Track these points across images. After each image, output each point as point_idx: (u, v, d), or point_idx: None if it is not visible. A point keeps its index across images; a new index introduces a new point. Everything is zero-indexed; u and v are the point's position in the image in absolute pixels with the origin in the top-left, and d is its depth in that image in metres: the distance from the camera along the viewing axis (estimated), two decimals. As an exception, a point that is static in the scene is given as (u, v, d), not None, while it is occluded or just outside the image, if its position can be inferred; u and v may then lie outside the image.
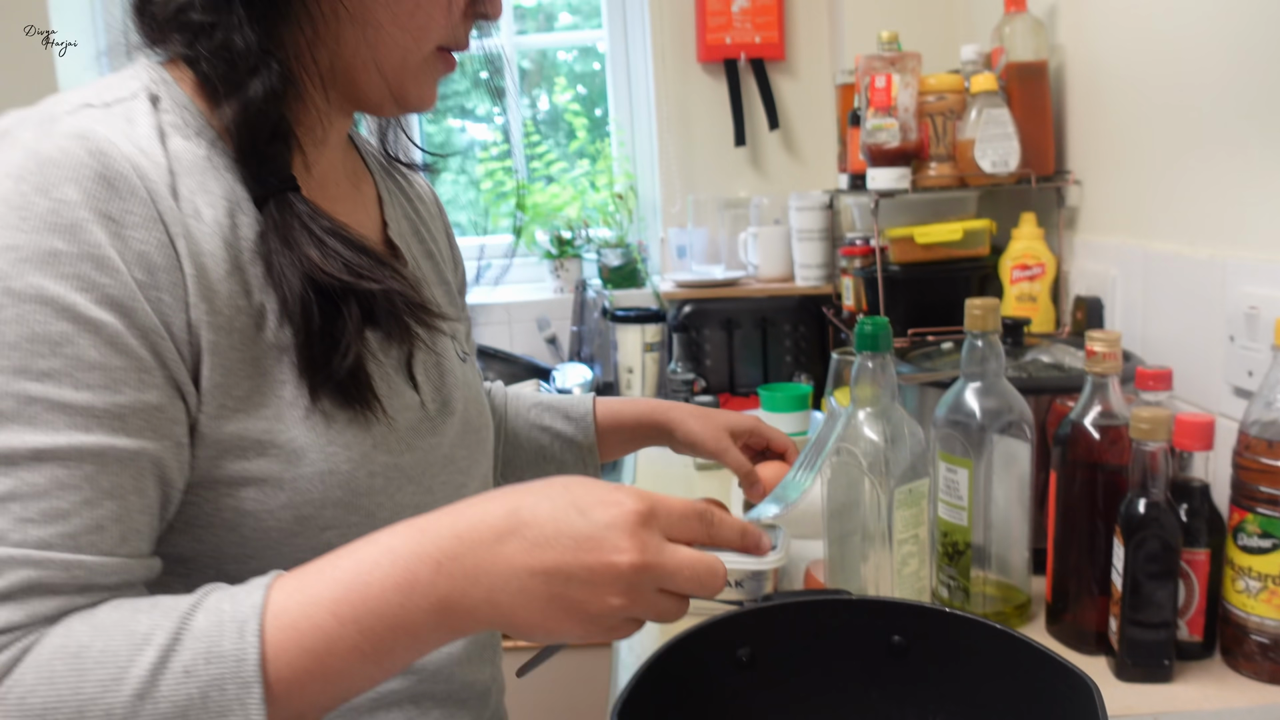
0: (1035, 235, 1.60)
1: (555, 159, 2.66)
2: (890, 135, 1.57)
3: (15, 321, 0.58)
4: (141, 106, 0.69)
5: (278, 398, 0.70)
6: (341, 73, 0.77)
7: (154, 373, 0.63)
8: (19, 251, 0.59)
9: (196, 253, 0.66)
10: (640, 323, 2.21)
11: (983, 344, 1.08)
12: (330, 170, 0.85)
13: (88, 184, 0.62)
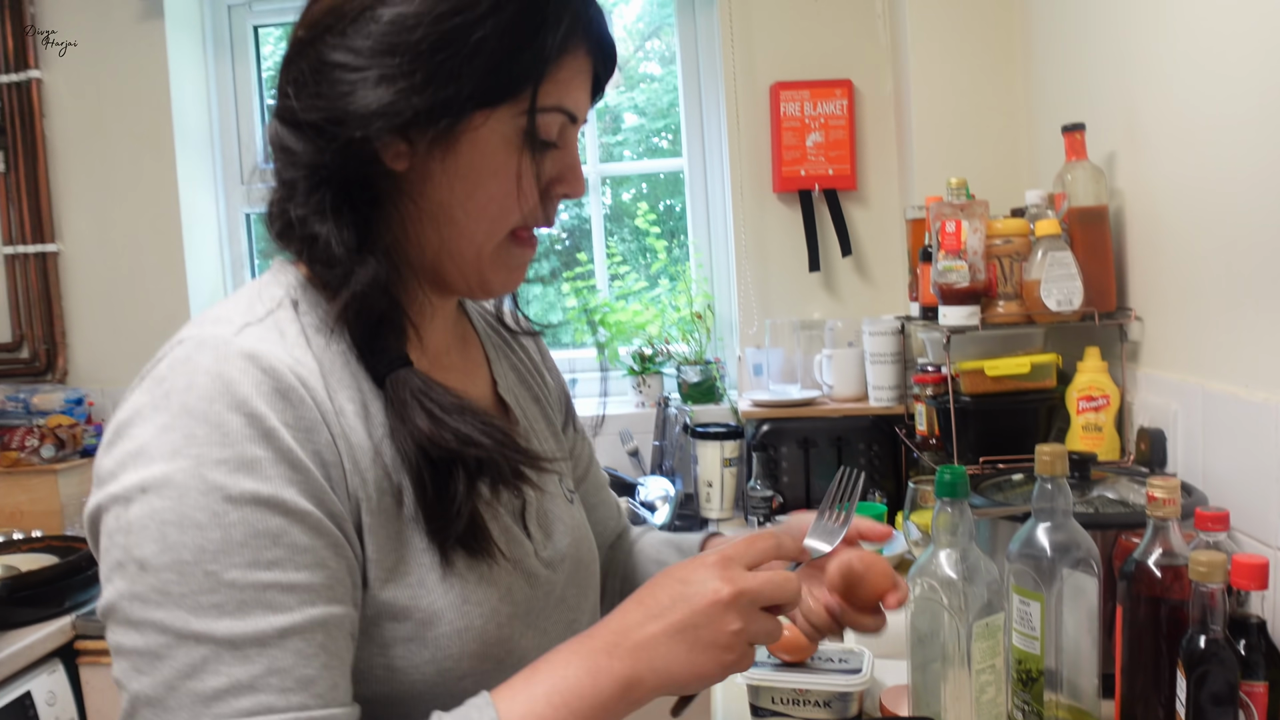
0: (1100, 368, 1.70)
1: (637, 278, 2.82)
2: (960, 276, 1.69)
3: (240, 523, 0.68)
4: (286, 315, 0.80)
5: (419, 565, 0.80)
6: (430, 264, 0.86)
7: (343, 549, 0.74)
8: (228, 464, 0.69)
9: (349, 446, 0.77)
10: (719, 439, 2.33)
11: (1052, 486, 1.18)
12: (442, 341, 0.95)
13: (268, 398, 0.72)
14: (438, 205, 0.83)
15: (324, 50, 0.80)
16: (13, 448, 2.54)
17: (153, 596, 0.67)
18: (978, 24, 2.28)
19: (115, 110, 2.76)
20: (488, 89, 0.79)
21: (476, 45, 0.77)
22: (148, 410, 0.72)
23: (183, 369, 0.72)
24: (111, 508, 0.70)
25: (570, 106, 0.84)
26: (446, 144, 0.81)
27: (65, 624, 2.02)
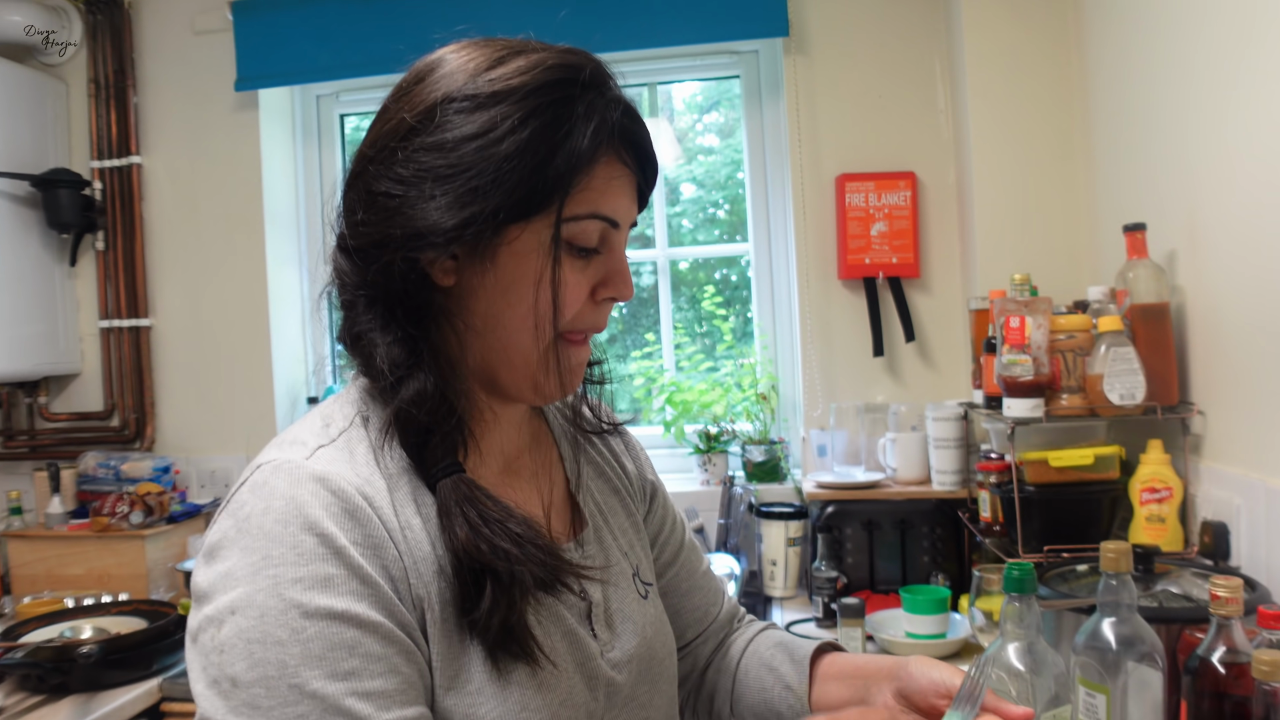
0: (1162, 461, 1.74)
1: (703, 359, 2.89)
2: (1024, 370, 1.74)
3: (317, 638, 0.73)
4: (357, 434, 0.86)
5: (478, 673, 0.82)
6: (486, 372, 0.91)
7: (414, 655, 0.79)
8: (304, 582, 0.74)
9: (414, 561, 0.81)
10: (784, 519, 2.38)
11: (1116, 582, 1.22)
12: (513, 445, 0.99)
13: (338, 519, 0.77)
14: (484, 316, 0.88)
15: (370, 180, 0.86)
16: (104, 513, 2.65)
17: (245, 711, 0.72)
18: (1039, 121, 2.36)
19: (209, 193, 2.91)
20: (517, 203, 0.83)
21: (502, 164, 0.82)
22: (231, 533, 0.78)
23: (261, 493, 0.79)
24: (207, 628, 0.76)
25: (607, 213, 0.88)
26: (487, 258, 0.85)
27: (153, 686, 2.10)
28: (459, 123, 0.83)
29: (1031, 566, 1.16)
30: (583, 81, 0.86)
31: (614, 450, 1.14)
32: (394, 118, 0.87)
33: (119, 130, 2.91)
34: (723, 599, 1.23)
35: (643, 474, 1.17)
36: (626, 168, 0.90)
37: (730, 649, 1.19)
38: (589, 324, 0.92)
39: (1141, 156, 1.98)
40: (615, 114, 0.87)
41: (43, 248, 2.87)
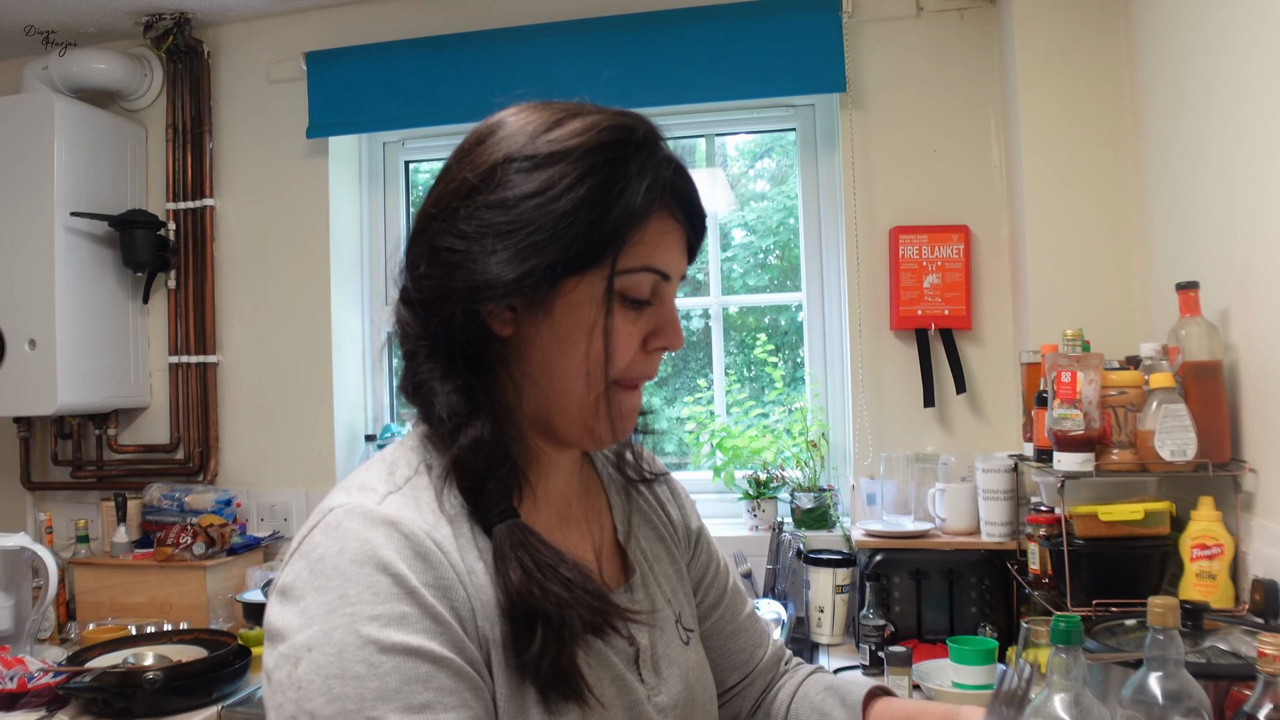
0: (1214, 518, 1.74)
1: (753, 405, 2.93)
2: (1075, 425, 1.76)
3: (393, 672, 0.77)
4: (422, 481, 0.90)
5: (535, 713, 0.86)
6: (541, 419, 0.95)
7: (481, 690, 0.83)
8: (380, 620, 0.78)
9: (480, 603, 0.85)
10: (832, 566, 2.40)
11: (1163, 637, 1.24)
12: (565, 491, 1.03)
13: (410, 561, 0.81)
14: (540, 365, 0.92)
15: (433, 236, 0.91)
16: (168, 543, 2.73)
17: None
18: (1093, 176, 2.38)
19: (278, 236, 3.02)
20: (574, 258, 0.88)
21: (560, 220, 0.87)
22: (306, 574, 0.82)
23: (335, 535, 0.83)
24: (283, 665, 0.80)
25: (659, 265, 0.92)
26: (543, 309, 0.90)
27: (212, 714, 2.16)
28: (519, 181, 0.88)
29: (1079, 619, 1.18)
30: (635, 142, 0.91)
31: (660, 498, 1.18)
32: (457, 177, 0.92)
33: (194, 173, 3.03)
34: (768, 642, 1.25)
35: (687, 521, 1.21)
36: (677, 222, 0.94)
37: (779, 694, 1.21)
38: (640, 372, 0.96)
39: (1194, 213, 2.00)
40: (667, 172, 0.92)
41: (118, 285, 2.99)
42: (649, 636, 1.02)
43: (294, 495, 3.00)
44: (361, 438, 3.11)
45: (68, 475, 3.13)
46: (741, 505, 2.77)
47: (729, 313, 3.07)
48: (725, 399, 2.98)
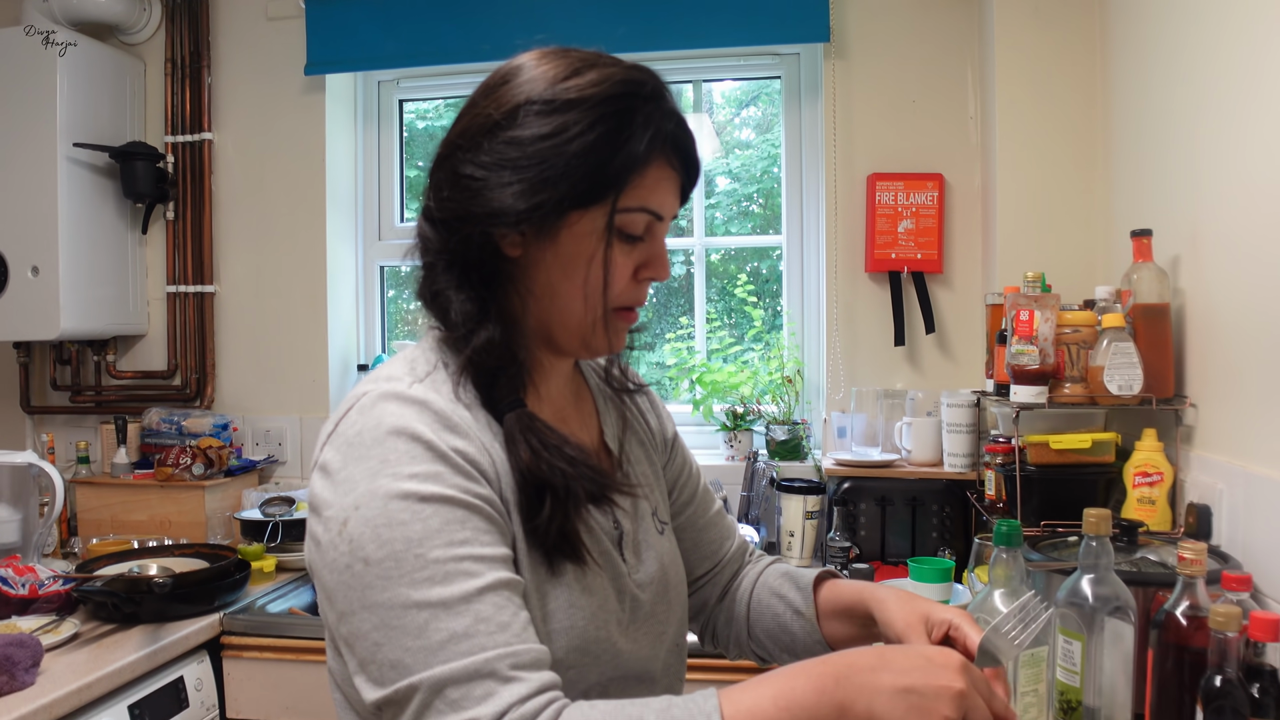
0: (1155, 448, 1.88)
1: (733, 342, 3.06)
2: (1031, 359, 1.89)
3: (434, 515, 0.89)
4: (440, 376, 1.01)
5: (543, 568, 0.99)
6: (543, 330, 1.07)
7: (508, 535, 0.95)
8: (418, 477, 0.90)
9: (499, 473, 0.98)
10: (803, 493, 2.53)
11: (1096, 544, 1.38)
12: (558, 392, 1.15)
13: (440, 432, 0.93)
14: (544, 285, 1.04)
15: (457, 163, 1.02)
16: (168, 464, 2.85)
17: (377, 583, 0.87)
18: (1062, 130, 2.50)
19: (275, 170, 3.10)
20: (580, 194, 0.99)
21: (570, 160, 0.97)
22: (345, 449, 0.93)
23: (371, 414, 0.94)
24: (332, 527, 0.91)
25: (654, 207, 1.03)
26: (550, 237, 1.01)
27: (214, 620, 2.29)
28: (536, 123, 0.98)
29: (1018, 524, 1.32)
30: (644, 95, 1.01)
31: (641, 408, 1.31)
32: (482, 112, 1.03)
33: (192, 107, 3.10)
34: (734, 536, 1.39)
35: (664, 428, 1.34)
36: (674, 170, 1.05)
37: (743, 581, 1.35)
38: (631, 299, 1.07)
39: (1154, 167, 2.12)
40: (669, 125, 1.02)
41: (117, 215, 3.07)
42: (631, 523, 1.15)
43: (288, 421, 3.11)
44: (354, 367, 3.22)
45: (67, 400, 3.23)
46: (719, 437, 2.90)
47: (712, 261, 3.18)
48: (706, 342, 3.10)
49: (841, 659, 0.90)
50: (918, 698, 0.86)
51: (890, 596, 1.15)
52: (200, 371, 3.14)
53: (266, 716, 2.30)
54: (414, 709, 0.84)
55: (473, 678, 0.84)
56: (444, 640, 0.85)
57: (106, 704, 1.95)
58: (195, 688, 2.20)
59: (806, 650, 1.24)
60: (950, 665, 0.88)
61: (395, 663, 0.86)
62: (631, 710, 0.85)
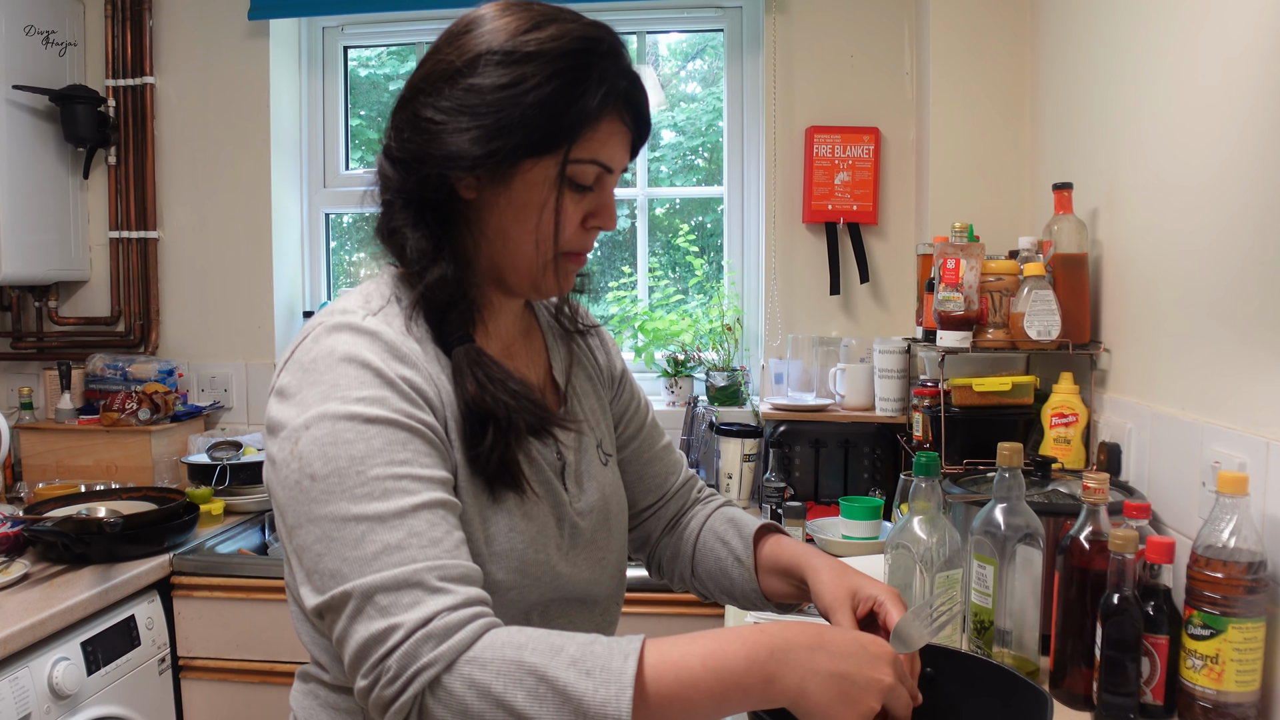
0: (1071, 391, 1.99)
1: (674, 291, 3.13)
2: (956, 306, 1.98)
3: (377, 436, 0.94)
4: (393, 310, 1.05)
5: (485, 495, 1.05)
6: (494, 271, 1.11)
7: (448, 460, 1.01)
8: (365, 400, 0.95)
9: (445, 402, 1.03)
10: (740, 437, 2.62)
11: (1009, 475, 1.47)
12: (507, 331, 1.20)
13: (389, 361, 0.99)
14: (497, 228, 1.08)
15: (419, 106, 1.05)
16: (114, 409, 2.86)
17: (321, 497, 0.92)
18: (994, 88, 2.58)
19: (218, 115, 3.09)
20: (534, 143, 1.03)
21: (526, 110, 1.01)
22: (299, 374, 0.98)
23: (324, 342, 0.99)
24: (285, 445, 0.96)
25: (605, 160, 1.08)
26: (503, 182, 1.05)
27: (164, 561, 2.33)
28: (496, 73, 1.02)
29: (935, 454, 1.41)
30: (600, 52, 1.05)
31: (590, 345, 1.36)
32: (444, 59, 1.07)
33: (134, 51, 3.07)
34: (681, 469, 1.45)
35: (612, 365, 1.38)
36: (625, 126, 1.10)
37: (691, 522, 1.41)
38: (578, 246, 1.12)
39: (1077, 123, 2.21)
40: (623, 82, 1.07)
41: (58, 160, 3.04)
42: (574, 455, 1.21)
43: (234, 368, 3.13)
44: (300, 314, 3.24)
45: (8, 346, 3.21)
46: (660, 383, 2.98)
47: (656, 214, 3.24)
48: (650, 293, 3.16)
49: (780, 633, 0.93)
50: (849, 685, 0.91)
51: (824, 567, 1.20)
52: (144, 318, 3.15)
53: (217, 653, 2.35)
54: (347, 614, 0.89)
55: (401, 586, 0.89)
56: (378, 551, 0.90)
57: (59, 641, 1.99)
58: (146, 626, 2.24)
59: (744, 596, 1.32)
60: (883, 658, 0.94)
61: (334, 572, 0.91)
62: (556, 639, 0.89)
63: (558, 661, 0.86)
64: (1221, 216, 1.53)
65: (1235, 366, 1.49)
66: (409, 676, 0.86)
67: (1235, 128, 1.50)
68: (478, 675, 0.86)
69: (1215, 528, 1.33)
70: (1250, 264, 1.45)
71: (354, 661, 0.89)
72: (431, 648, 0.86)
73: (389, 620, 0.87)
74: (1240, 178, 1.48)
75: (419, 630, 0.87)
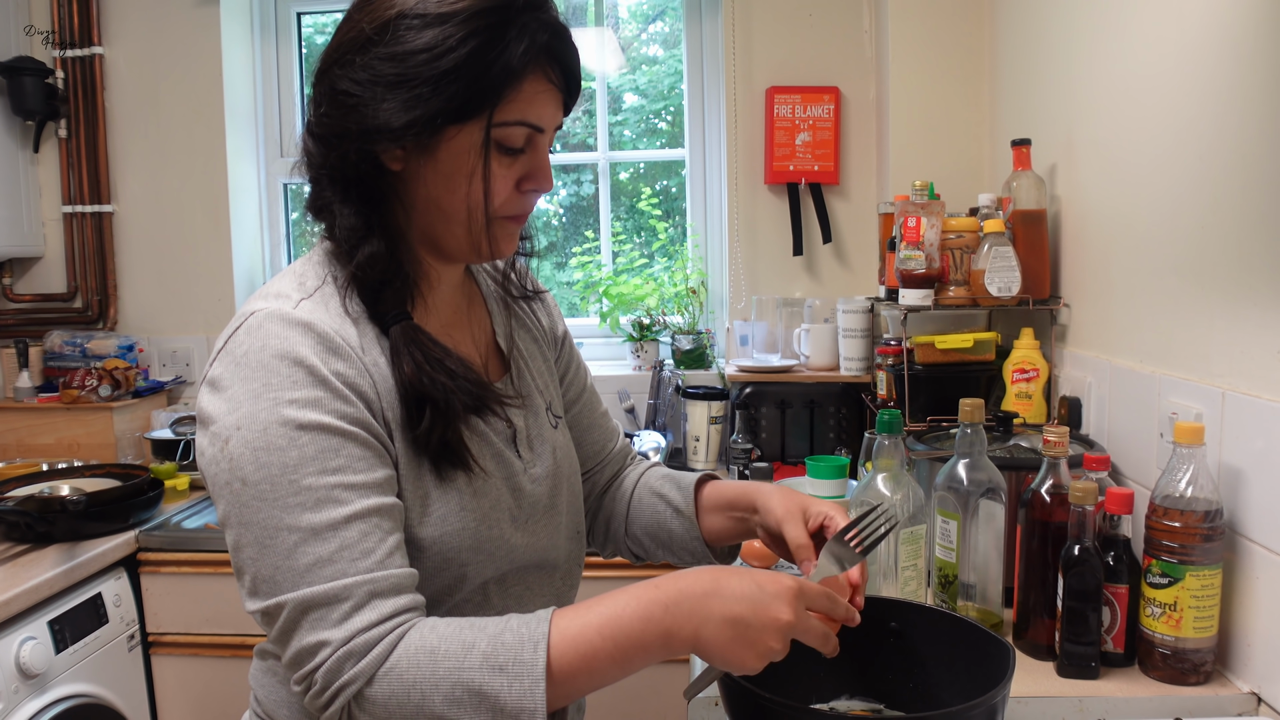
0: (1032, 346, 2.01)
1: (639, 256, 3.12)
2: (918, 264, 1.99)
3: (310, 443, 0.92)
4: (329, 290, 1.03)
5: (429, 479, 1.03)
6: (430, 240, 1.09)
7: (386, 458, 0.99)
8: (298, 403, 0.93)
9: (383, 390, 1.01)
10: (707, 399, 2.63)
11: (971, 431, 1.49)
12: (448, 302, 1.16)
13: (322, 355, 0.96)
14: (425, 199, 1.04)
15: (334, 79, 1.02)
16: (74, 386, 2.83)
17: (253, 503, 0.92)
18: (953, 46, 2.58)
19: (170, 86, 3.04)
20: (454, 109, 0.98)
21: (441, 75, 0.97)
22: (231, 367, 0.96)
23: (257, 334, 0.96)
24: (215, 443, 0.94)
25: (533, 120, 1.03)
26: (428, 152, 1.01)
27: (130, 538, 2.31)
28: (410, 38, 0.98)
29: (898, 412, 1.42)
30: (518, 6, 1.00)
31: (534, 309, 1.35)
32: (355, 27, 1.03)
33: (81, 21, 3.01)
34: (617, 437, 1.45)
35: (555, 327, 1.38)
36: (551, 83, 1.04)
37: (625, 482, 1.41)
38: (514, 209, 1.08)
39: (1035, 79, 2.22)
40: (544, 37, 1.01)
41: (7, 134, 2.97)
42: (524, 420, 1.20)
43: (195, 341, 3.10)
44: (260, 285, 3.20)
45: (-38, 324, 3.16)
46: (626, 348, 2.98)
47: (620, 179, 3.22)
48: (614, 258, 3.15)
49: (674, 585, 0.93)
50: (745, 628, 0.91)
51: (773, 490, 1.21)
52: (102, 293, 3.10)
53: (187, 628, 2.34)
54: (281, 625, 0.92)
55: (331, 602, 0.90)
56: (310, 564, 0.91)
57: (26, 620, 1.97)
58: (114, 604, 2.23)
59: (683, 546, 1.32)
60: (781, 596, 0.92)
61: (268, 579, 0.92)
62: (468, 635, 0.90)
63: (470, 661, 0.89)
64: (1178, 170, 1.55)
65: (1191, 319, 1.51)
66: (333, 692, 0.89)
67: (1191, 83, 1.51)
68: (395, 687, 0.89)
69: (1173, 478, 1.35)
70: (1205, 218, 1.47)
71: (288, 667, 0.93)
72: (353, 665, 0.89)
73: (317, 636, 0.90)
74: (1196, 132, 1.49)
75: (342, 648, 0.89)
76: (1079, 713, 1.33)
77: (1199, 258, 1.49)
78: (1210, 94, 1.45)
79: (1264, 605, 1.32)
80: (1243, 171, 1.37)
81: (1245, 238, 1.36)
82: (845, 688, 1.23)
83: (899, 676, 1.20)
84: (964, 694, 1.04)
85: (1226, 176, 1.41)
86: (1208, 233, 1.46)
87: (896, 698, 1.21)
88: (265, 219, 3.24)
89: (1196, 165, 1.49)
